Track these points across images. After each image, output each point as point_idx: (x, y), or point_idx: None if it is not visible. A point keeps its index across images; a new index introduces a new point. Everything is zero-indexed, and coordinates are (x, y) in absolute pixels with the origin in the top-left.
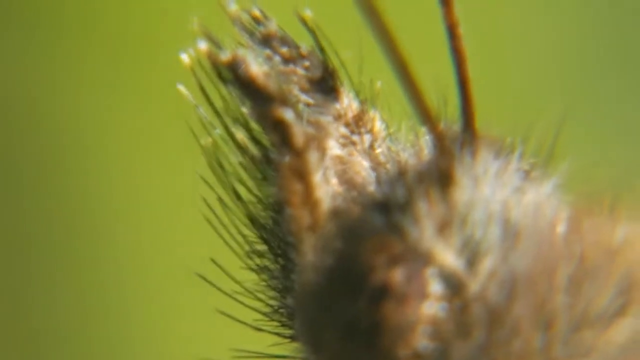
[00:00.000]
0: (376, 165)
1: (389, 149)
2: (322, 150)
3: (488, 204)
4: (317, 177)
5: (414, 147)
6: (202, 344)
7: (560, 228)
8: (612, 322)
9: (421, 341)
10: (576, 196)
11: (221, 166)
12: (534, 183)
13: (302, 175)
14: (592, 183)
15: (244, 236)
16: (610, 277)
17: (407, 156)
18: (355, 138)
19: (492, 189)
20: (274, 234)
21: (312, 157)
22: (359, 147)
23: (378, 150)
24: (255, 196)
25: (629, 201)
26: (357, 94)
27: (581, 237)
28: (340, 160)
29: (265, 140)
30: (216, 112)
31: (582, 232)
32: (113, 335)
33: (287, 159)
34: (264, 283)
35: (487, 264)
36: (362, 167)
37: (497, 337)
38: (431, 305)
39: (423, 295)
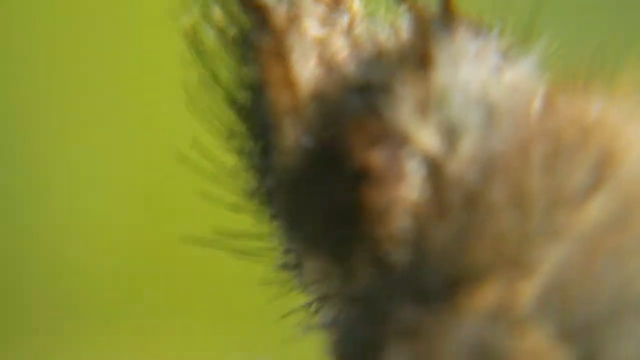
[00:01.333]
0: (355, 46)
1: (367, 29)
2: (302, 31)
3: (466, 85)
4: (296, 59)
5: (392, 28)
6: (185, 223)
7: (536, 106)
8: (585, 199)
9: (400, 222)
10: (552, 74)
11: (201, 48)
12: (512, 62)
13: (282, 56)
14: (567, 61)
15: (224, 117)
16: (584, 154)
17: (385, 37)
18: (334, 18)
19: (470, 70)
20: (254, 115)
21: (292, 38)
22: (338, 28)
23: (357, 31)
24: (235, 78)
25: (604, 78)
26: None
27: (556, 115)
28: (319, 41)
29: (244, 21)
30: None
31: (557, 109)
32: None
33: (266, 39)
34: (244, 164)
35: (465, 145)
36: (341, 48)
37: (474, 218)
38: (410, 186)
39: (402, 176)
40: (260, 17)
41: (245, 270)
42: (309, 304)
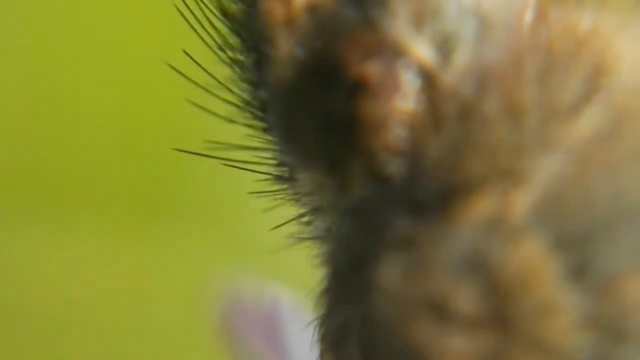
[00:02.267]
0: None
1: None
2: None
3: None
4: None
5: None
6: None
7: (528, 17)
8: (578, 111)
9: (396, 133)
10: None
11: None
12: None
13: None
14: None
15: (216, 29)
16: (576, 66)
17: None
18: None
19: None
20: (248, 27)
21: None
22: None
23: None
24: None
25: None
26: None
27: (548, 27)
28: None
29: None
30: None
31: (549, 21)
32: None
33: None
34: (236, 76)
35: (459, 56)
36: None
37: (469, 130)
38: (405, 98)
39: (397, 87)
40: None
41: (236, 181)
42: (302, 215)
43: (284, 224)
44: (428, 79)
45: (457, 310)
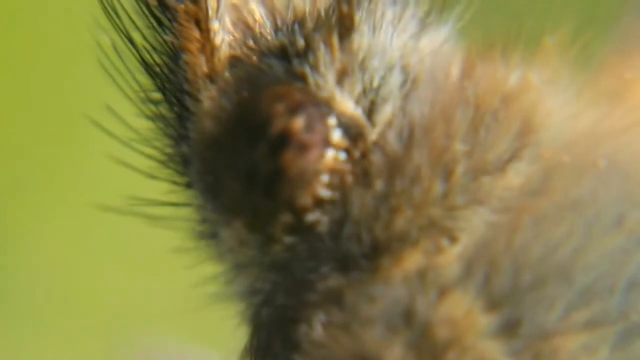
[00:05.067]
0: (272, 11)
1: None
2: None
3: (386, 51)
4: (214, 24)
5: None
6: (97, 190)
7: (455, 74)
8: (507, 166)
9: (321, 190)
10: (470, 42)
11: (115, 11)
12: (430, 29)
13: (199, 21)
14: (486, 28)
15: (139, 84)
16: (505, 123)
17: (303, 2)
18: None
19: (390, 36)
20: (170, 81)
21: (210, 3)
22: None
23: None
24: (150, 43)
25: (523, 45)
26: None
27: (475, 83)
28: (235, 7)
29: None
30: None
31: (476, 77)
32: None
33: (184, 4)
34: (159, 131)
35: (385, 111)
36: (259, 14)
37: (397, 185)
38: (331, 153)
39: (323, 143)
40: None
41: (158, 238)
42: (224, 273)
43: (205, 282)
44: (354, 134)
45: None
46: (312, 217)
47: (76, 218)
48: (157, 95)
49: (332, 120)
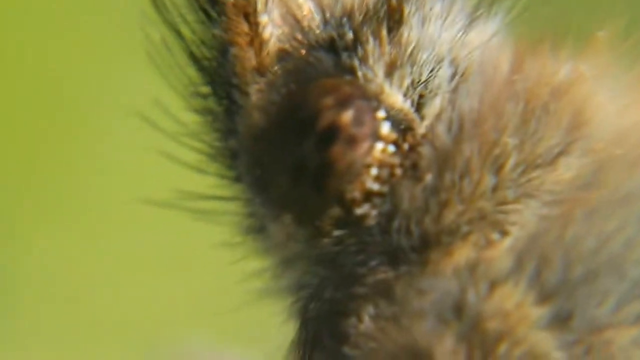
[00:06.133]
0: (321, 5)
1: None
2: None
3: (435, 44)
4: (263, 18)
5: None
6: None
7: (504, 67)
8: (558, 159)
9: (370, 183)
10: (520, 35)
11: (165, 5)
12: (479, 23)
13: (248, 15)
14: (535, 21)
15: (187, 78)
16: (556, 117)
17: None
18: None
19: (438, 29)
20: (218, 75)
21: None
22: None
23: None
24: (199, 37)
25: (573, 38)
26: None
27: (525, 76)
28: (284, 0)
29: None
30: None
31: (526, 71)
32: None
33: None
34: (207, 124)
35: (434, 104)
36: (307, 8)
37: (446, 179)
38: (380, 147)
39: (372, 136)
40: None
41: (206, 233)
42: (272, 267)
43: (253, 276)
44: (403, 127)
45: None
46: (361, 210)
47: (110, 214)
48: (205, 89)
49: (381, 114)
